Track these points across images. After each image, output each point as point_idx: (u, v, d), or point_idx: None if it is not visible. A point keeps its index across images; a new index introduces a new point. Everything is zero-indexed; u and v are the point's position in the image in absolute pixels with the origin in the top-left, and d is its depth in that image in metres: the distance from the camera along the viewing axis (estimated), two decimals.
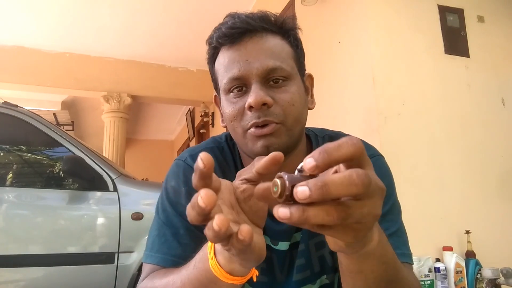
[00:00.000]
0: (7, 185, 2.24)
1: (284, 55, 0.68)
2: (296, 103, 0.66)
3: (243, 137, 0.67)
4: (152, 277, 0.65)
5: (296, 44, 0.72)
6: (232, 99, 0.67)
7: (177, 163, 0.77)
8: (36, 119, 2.33)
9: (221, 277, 0.46)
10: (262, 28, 0.67)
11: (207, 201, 0.36)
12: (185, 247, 0.68)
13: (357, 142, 0.33)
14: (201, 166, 0.38)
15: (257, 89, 0.64)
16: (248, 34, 0.66)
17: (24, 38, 4.68)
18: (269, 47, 0.66)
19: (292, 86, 0.67)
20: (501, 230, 2.29)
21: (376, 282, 0.49)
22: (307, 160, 0.32)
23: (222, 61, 0.68)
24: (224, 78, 0.67)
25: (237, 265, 0.46)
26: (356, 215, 0.33)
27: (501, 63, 2.59)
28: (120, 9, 4.17)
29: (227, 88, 0.67)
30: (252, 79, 0.65)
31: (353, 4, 2.46)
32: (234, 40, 0.66)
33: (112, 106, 5.25)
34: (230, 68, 0.66)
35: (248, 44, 0.66)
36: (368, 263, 0.46)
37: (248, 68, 0.65)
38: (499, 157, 2.42)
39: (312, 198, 0.31)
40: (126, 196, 2.20)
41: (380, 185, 0.34)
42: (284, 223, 0.74)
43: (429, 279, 1.97)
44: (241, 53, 0.66)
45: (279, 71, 0.65)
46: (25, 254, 2.06)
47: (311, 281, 0.74)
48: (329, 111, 2.58)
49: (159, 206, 0.74)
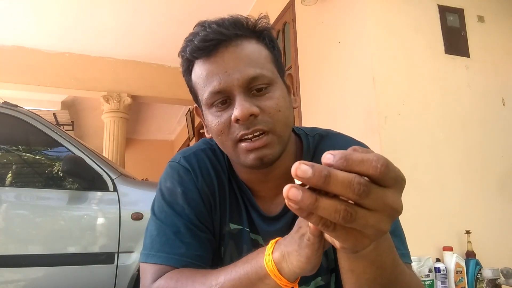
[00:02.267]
0: (7, 185, 2.24)
1: (262, 60, 0.66)
2: (282, 108, 0.65)
3: (233, 149, 0.66)
4: (172, 277, 0.63)
5: (273, 45, 0.70)
6: (216, 113, 0.65)
7: (171, 165, 0.77)
8: (36, 119, 2.33)
9: (271, 273, 0.50)
10: (235, 35, 0.64)
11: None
12: (188, 246, 0.67)
13: (381, 167, 0.32)
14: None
15: (241, 101, 0.62)
16: (223, 44, 0.64)
17: (24, 38, 4.68)
18: (247, 54, 0.64)
19: (275, 91, 0.65)
20: (501, 230, 2.29)
21: (368, 283, 0.49)
22: (327, 156, 0.33)
23: (200, 74, 0.66)
24: (205, 92, 0.65)
25: (287, 265, 0.49)
26: (361, 222, 0.33)
27: (501, 63, 2.59)
28: (120, 9, 4.17)
29: (209, 102, 0.65)
30: (234, 90, 0.63)
31: (353, 4, 2.46)
32: (209, 53, 0.64)
33: (112, 106, 5.25)
34: (210, 81, 0.64)
35: (224, 54, 0.63)
36: (359, 264, 0.47)
37: (229, 80, 0.62)
38: (499, 157, 2.42)
39: (336, 163, 0.32)
40: (126, 196, 2.20)
41: (395, 206, 0.34)
42: (277, 224, 0.75)
43: (429, 279, 1.97)
44: (218, 65, 0.63)
45: (260, 79, 0.64)
46: (25, 254, 2.06)
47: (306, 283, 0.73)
48: (329, 111, 2.59)
49: (155, 208, 0.74)
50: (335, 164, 0.32)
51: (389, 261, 0.48)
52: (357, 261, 0.46)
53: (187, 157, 0.77)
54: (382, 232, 0.36)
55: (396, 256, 0.50)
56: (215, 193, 0.74)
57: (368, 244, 0.37)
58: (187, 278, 0.61)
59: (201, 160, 0.76)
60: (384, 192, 0.34)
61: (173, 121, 7.88)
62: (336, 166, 0.32)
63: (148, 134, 8.43)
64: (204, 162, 0.76)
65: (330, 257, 0.75)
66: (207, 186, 0.74)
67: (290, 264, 0.49)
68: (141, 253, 0.70)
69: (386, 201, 0.34)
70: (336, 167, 0.32)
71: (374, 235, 0.36)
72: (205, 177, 0.74)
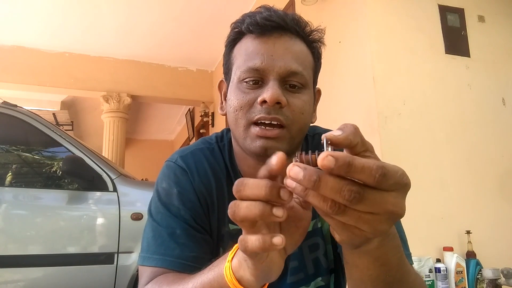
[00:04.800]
0: (7, 185, 2.23)
1: (307, 63, 0.68)
2: (305, 113, 0.66)
3: (244, 130, 0.65)
4: (158, 281, 0.63)
5: (318, 57, 0.72)
6: (244, 89, 0.66)
7: (168, 165, 0.77)
8: (35, 119, 2.33)
9: (230, 283, 0.46)
10: (294, 30, 0.66)
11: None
12: (183, 247, 0.67)
13: (378, 176, 0.32)
14: (273, 166, 0.38)
15: (275, 86, 0.63)
16: (279, 30, 0.65)
17: (23, 38, 4.67)
18: (296, 50, 0.66)
19: (305, 95, 0.67)
20: (502, 230, 2.29)
21: (372, 280, 0.48)
22: (328, 158, 0.32)
23: (245, 48, 0.67)
24: (243, 66, 0.65)
25: (247, 274, 0.45)
26: (354, 216, 0.34)
27: (501, 63, 2.59)
28: (119, 9, 4.16)
29: (242, 76, 0.65)
30: (271, 75, 0.64)
31: (353, 4, 2.46)
32: (264, 32, 0.65)
33: (111, 106, 5.24)
34: (253, 58, 0.65)
35: (277, 40, 0.65)
36: (363, 260, 0.46)
37: (271, 64, 0.64)
38: (500, 157, 2.42)
39: (336, 168, 0.32)
40: (125, 196, 2.20)
41: (395, 210, 0.34)
42: None
43: (430, 280, 1.97)
44: (268, 47, 0.65)
45: (299, 77, 0.65)
46: (25, 255, 2.06)
47: (306, 283, 0.73)
48: (329, 111, 2.58)
49: (151, 208, 0.74)
50: (335, 169, 0.32)
51: (395, 260, 0.48)
52: (361, 257, 0.46)
53: (184, 156, 0.76)
54: (380, 232, 0.36)
55: (402, 256, 0.49)
56: (212, 194, 0.73)
57: (364, 240, 0.38)
58: (168, 284, 0.60)
59: (199, 160, 0.75)
60: (383, 196, 0.33)
61: (173, 121, 7.87)
62: (337, 171, 0.32)
63: (148, 134, 8.42)
64: (202, 162, 0.75)
65: (329, 257, 0.75)
66: (204, 186, 0.73)
67: (246, 272, 0.45)
68: (139, 255, 0.70)
69: (385, 205, 0.33)
70: (337, 172, 0.32)
71: (371, 233, 0.36)
72: (202, 177, 0.73)
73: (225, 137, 0.80)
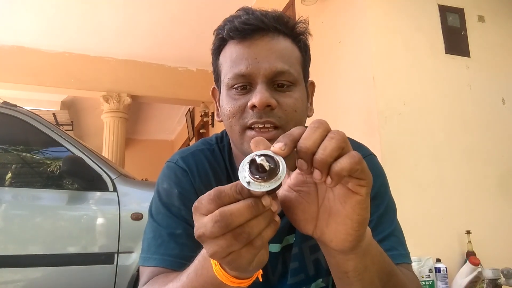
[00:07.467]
0: (7, 185, 2.23)
1: (293, 59, 0.67)
2: (299, 110, 0.66)
3: (240, 135, 0.66)
4: (154, 281, 0.64)
5: (305, 50, 0.71)
6: (234, 96, 0.66)
7: (168, 165, 0.77)
8: (35, 119, 2.33)
9: (228, 282, 0.45)
10: (275, 28, 0.66)
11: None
12: (182, 247, 0.67)
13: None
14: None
15: (262, 90, 0.63)
16: (260, 32, 0.65)
17: (23, 38, 4.67)
18: (280, 49, 0.65)
19: (296, 92, 0.66)
20: (502, 230, 2.29)
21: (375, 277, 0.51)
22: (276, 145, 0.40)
23: (229, 55, 0.67)
24: (229, 73, 0.66)
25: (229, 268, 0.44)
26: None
27: (501, 63, 2.59)
28: (119, 9, 4.16)
29: (230, 83, 0.66)
30: (258, 78, 0.64)
31: (353, 4, 2.45)
32: (245, 36, 0.65)
33: (111, 106, 5.25)
34: (237, 64, 0.65)
35: (258, 42, 0.65)
36: (368, 258, 0.48)
37: (256, 67, 0.63)
38: (500, 157, 2.41)
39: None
40: (125, 196, 2.20)
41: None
42: None
43: (430, 280, 1.97)
44: (250, 51, 0.64)
45: (286, 75, 0.64)
46: (25, 255, 2.06)
47: (306, 285, 0.73)
48: (330, 111, 2.58)
49: (152, 209, 0.74)
50: (284, 142, 0.41)
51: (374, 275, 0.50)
52: (366, 256, 0.48)
53: (185, 157, 0.76)
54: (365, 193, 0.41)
55: (388, 269, 0.52)
56: None
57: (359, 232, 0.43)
58: (162, 283, 0.60)
59: (199, 161, 0.75)
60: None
61: (173, 121, 7.87)
62: (284, 143, 0.41)
63: (148, 134, 8.42)
64: (202, 163, 0.75)
65: None
66: (205, 187, 0.73)
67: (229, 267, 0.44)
68: (139, 256, 0.70)
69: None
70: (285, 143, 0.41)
71: (365, 193, 0.42)
72: (202, 178, 0.74)
73: (225, 138, 0.80)
